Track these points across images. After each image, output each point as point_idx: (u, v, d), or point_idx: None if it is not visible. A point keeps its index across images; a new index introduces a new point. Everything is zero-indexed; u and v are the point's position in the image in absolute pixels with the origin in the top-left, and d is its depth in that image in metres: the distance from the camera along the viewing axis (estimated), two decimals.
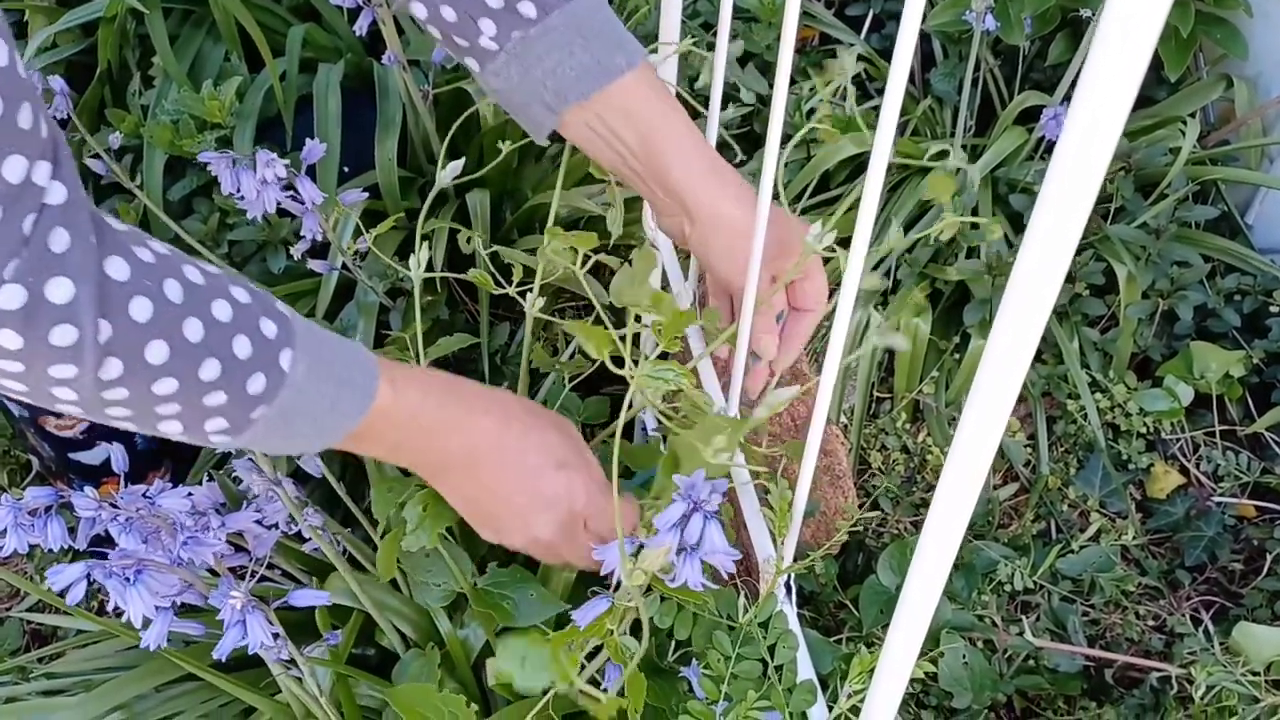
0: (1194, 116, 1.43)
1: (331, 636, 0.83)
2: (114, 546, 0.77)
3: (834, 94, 0.61)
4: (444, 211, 1.33)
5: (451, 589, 0.93)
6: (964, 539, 1.31)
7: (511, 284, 0.97)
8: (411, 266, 0.97)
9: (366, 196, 1.00)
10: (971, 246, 1.30)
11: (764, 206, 0.74)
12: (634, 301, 0.71)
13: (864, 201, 0.60)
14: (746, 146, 1.50)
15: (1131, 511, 1.28)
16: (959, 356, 1.33)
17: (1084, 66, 0.36)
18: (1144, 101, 1.49)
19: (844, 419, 1.31)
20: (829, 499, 1.14)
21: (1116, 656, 1.12)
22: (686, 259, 1.02)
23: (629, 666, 0.71)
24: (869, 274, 0.61)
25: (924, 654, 1.01)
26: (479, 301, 1.35)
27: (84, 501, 0.75)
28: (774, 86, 0.68)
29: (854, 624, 1.12)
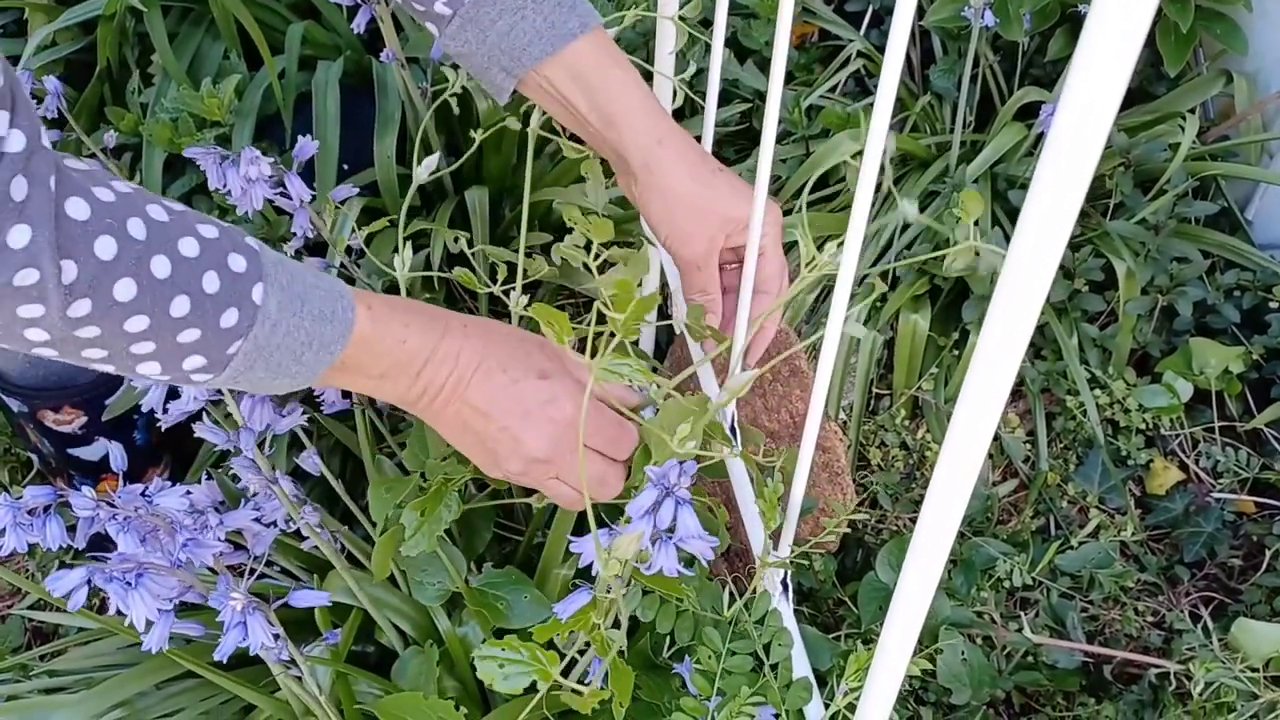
0: (1193, 112, 1.42)
1: (331, 635, 0.83)
2: (113, 543, 0.77)
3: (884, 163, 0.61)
4: (443, 209, 1.33)
5: (447, 588, 0.93)
6: (963, 535, 1.31)
7: (496, 281, 0.97)
8: (397, 266, 0.98)
9: (358, 192, 1.00)
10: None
11: (760, 201, 0.74)
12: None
13: (857, 197, 0.60)
14: (745, 144, 1.50)
15: (1131, 508, 1.28)
16: (958, 353, 1.33)
17: (1076, 50, 0.36)
18: (1143, 97, 1.49)
19: (843, 415, 1.31)
20: (827, 496, 1.14)
21: (1115, 653, 1.12)
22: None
23: (608, 657, 0.71)
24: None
25: (922, 651, 1.01)
26: (478, 298, 1.36)
27: (82, 501, 0.75)
28: (770, 82, 0.68)
29: (853, 621, 1.13)
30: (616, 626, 0.74)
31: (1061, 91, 1.39)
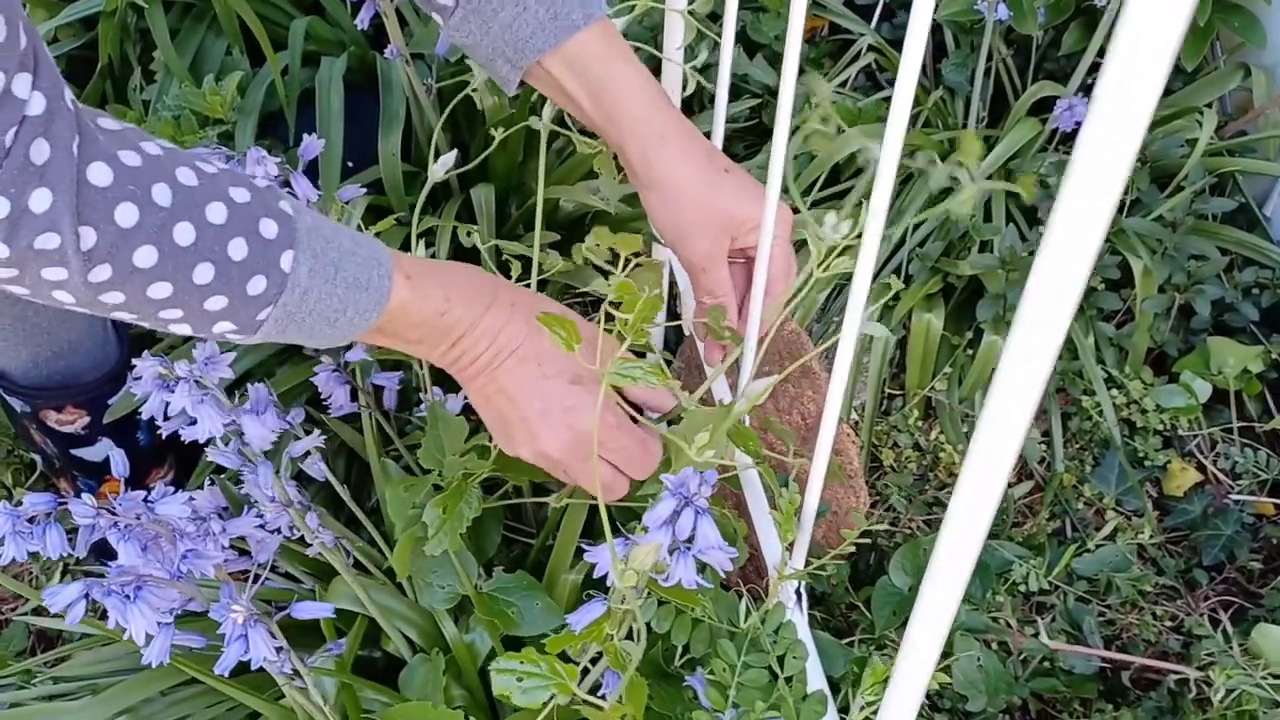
0: (1211, 107, 1.40)
1: (335, 645, 0.82)
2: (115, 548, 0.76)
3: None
4: (448, 206, 1.32)
5: (456, 591, 0.91)
6: None
7: (512, 278, 0.96)
8: None
9: (365, 192, 0.99)
10: (984, 241, 1.28)
11: (772, 199, 0.72)
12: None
13: (874, 195, 0.58)
14: (754, 140, 1.48)
15: (1148, 509, 1.26)
16: (972, 352, 1.31)
17: (1109, 48, 0.34)
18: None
19: (855, 416, 1.30)
20: (840, 499, 1.12)
21: (1133, 658, 1.11)
22: None
23: (628, 672, 0.70)
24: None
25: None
26: None
27: (82, 509, 0.74)
28: (782, 78, 0.66)
29: (866, 625, 1.11)
30: (630, 637, 0.72)
31: (1079, 92, 1.35)
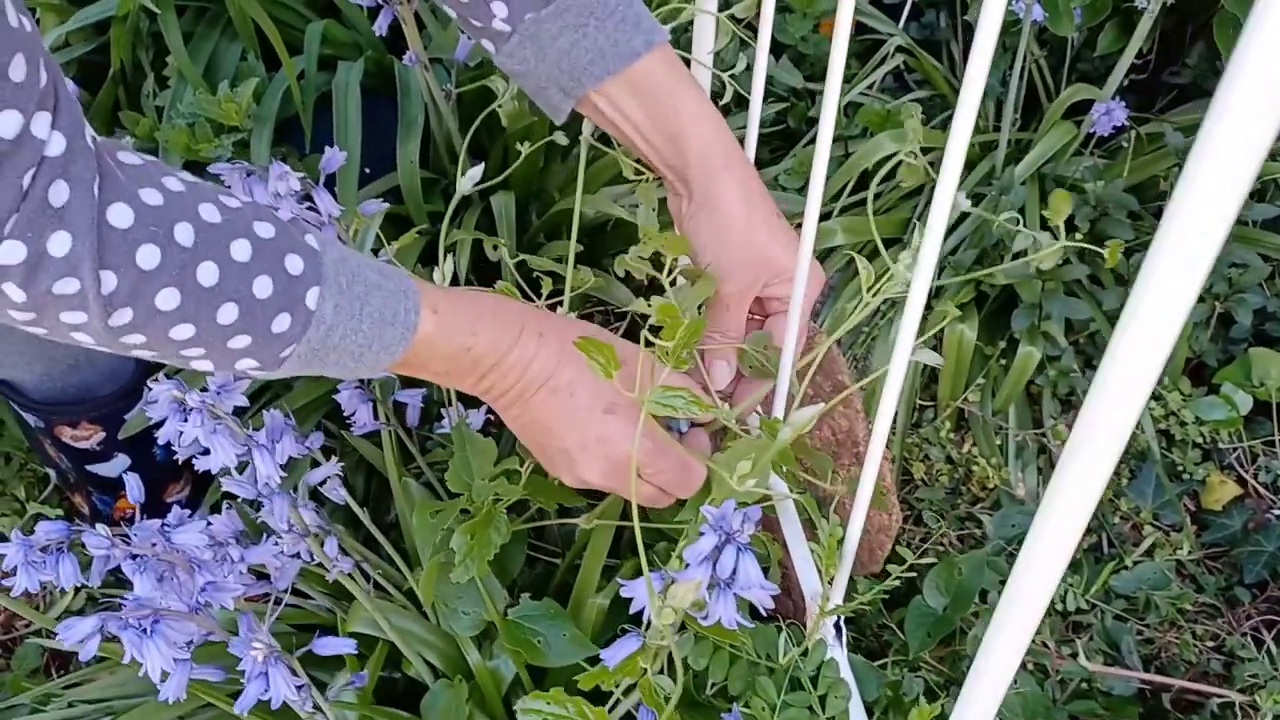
0: None
1: (358, 678, 0.79)
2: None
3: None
4: (467, 215, 1.29)
5: (482, 619, 0.89)
6: (1011, 555, 1.25)
7: (541, 295, 0.93)
8: (435, 280, 0.93)
9: (387, 206, 0.96)
10: (1018, 250, 1.24)
11: (812, 209, 0.69)
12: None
13: (925, 245, 0.54)
14: (780, 144, 1.44)
15: (1186, 524, 1.23)
16: (1005, 363, 1.27)
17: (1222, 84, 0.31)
18: (1199, 93, 1.42)
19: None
20: (873, 516, 1.09)
21: (1174, 681, 1.07)
22: None
23: (665, 712, 0.67)
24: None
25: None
26: None
27: (96, 540, 0.71)
28: (826, 86, 0.63)
29: (899, 646, 1.08)
30: (662, 671, 0.70)
31: (1116, 95, 1.29)
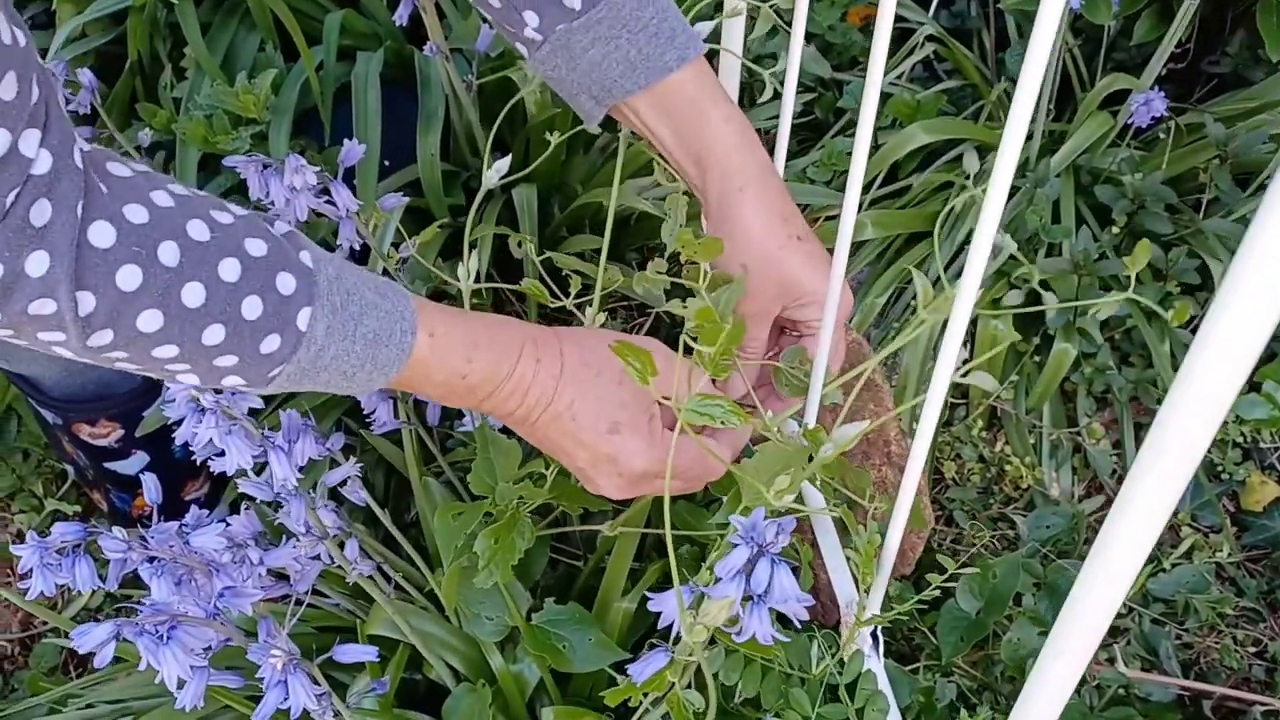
0: None
1: (379, 685, 0.77)
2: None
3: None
4: (489, 208, 1.26)
5: (505, 623, 0.87)
6: (1046, 558, 1.21)
7: (569, 293, 0.90)
8: (460, 277, 0.91)
9: (407, 200, 0.94)
10: (1053, 243, 1.21)
11: (849, 212, 0.67)
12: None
13: (968, 271, 0.52)
14: (807, 135, 1.41)
15: (1226, 526, 1.20)
16: (1039, 360, 1.24)
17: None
18: (1240, 83, 1.38)
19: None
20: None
21: (1215, 688, 1.04)
22: None
23: None
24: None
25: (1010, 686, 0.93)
26: (527, 302, 1.29)
27: (113, 543, 0.69)
28: (867, 82, 0.60)
29: (931, 651, 1.05)
30: (691, 685, 0.67)
31: (1154, 86, 1.25)
